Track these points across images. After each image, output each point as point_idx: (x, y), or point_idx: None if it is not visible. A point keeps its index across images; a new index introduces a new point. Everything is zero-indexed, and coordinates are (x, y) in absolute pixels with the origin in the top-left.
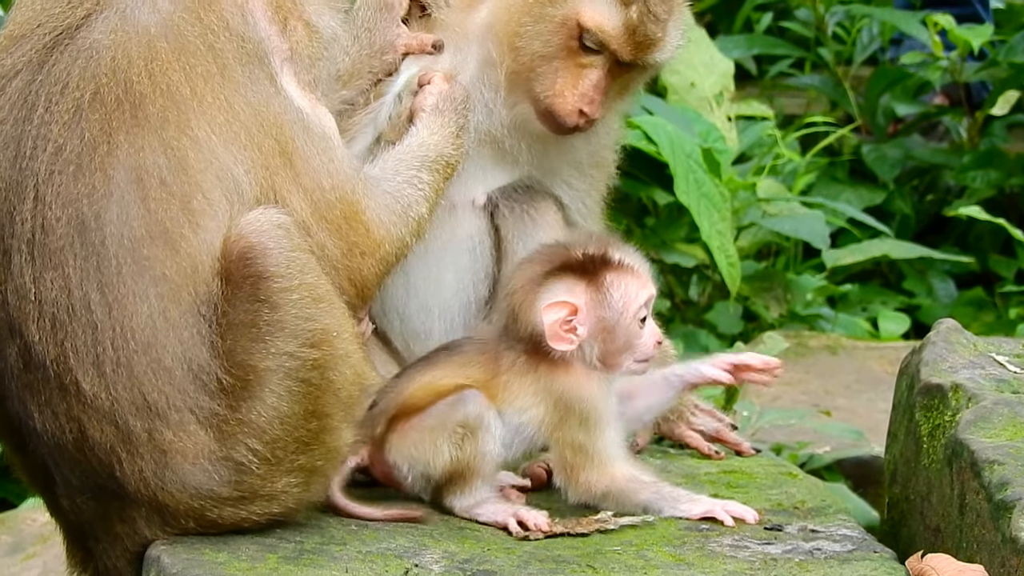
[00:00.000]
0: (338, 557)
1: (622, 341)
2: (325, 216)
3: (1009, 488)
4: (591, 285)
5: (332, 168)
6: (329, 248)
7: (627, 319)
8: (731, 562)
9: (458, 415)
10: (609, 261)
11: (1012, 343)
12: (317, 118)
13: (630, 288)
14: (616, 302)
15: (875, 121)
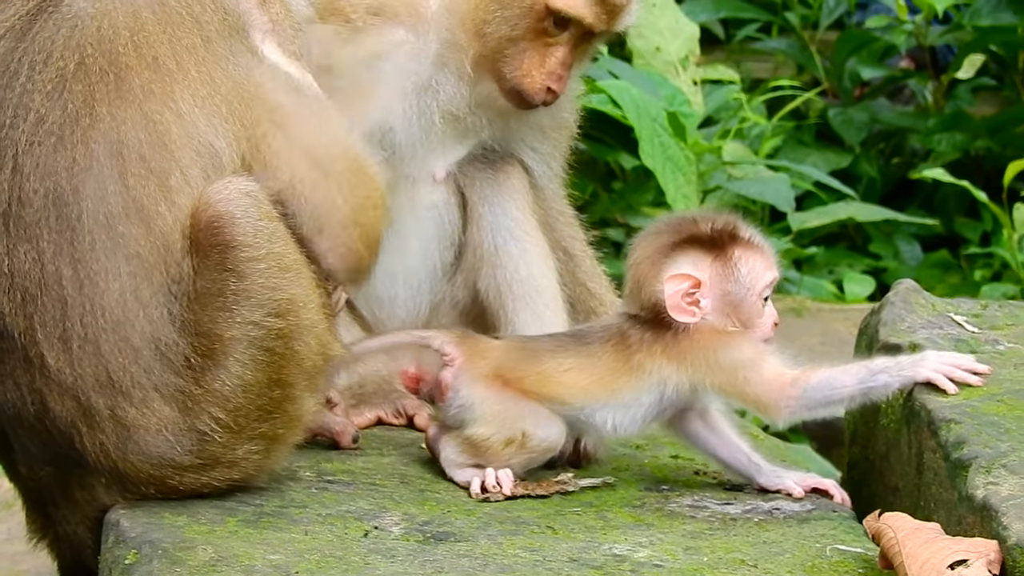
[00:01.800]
0: (297, 520)
1: (744, 318)
2: (330, 171)
3: (966, 447)
4: (718, 259)
5: (330, 126)
6: (339, 205)
7: (752, 296)
8: (690, 522)
9: (527, 424)
10: (738, 237)
11: (970, 303)
12: (307, 81)
13: (757, 266)
14: (743, 278)
15: (841, 85)
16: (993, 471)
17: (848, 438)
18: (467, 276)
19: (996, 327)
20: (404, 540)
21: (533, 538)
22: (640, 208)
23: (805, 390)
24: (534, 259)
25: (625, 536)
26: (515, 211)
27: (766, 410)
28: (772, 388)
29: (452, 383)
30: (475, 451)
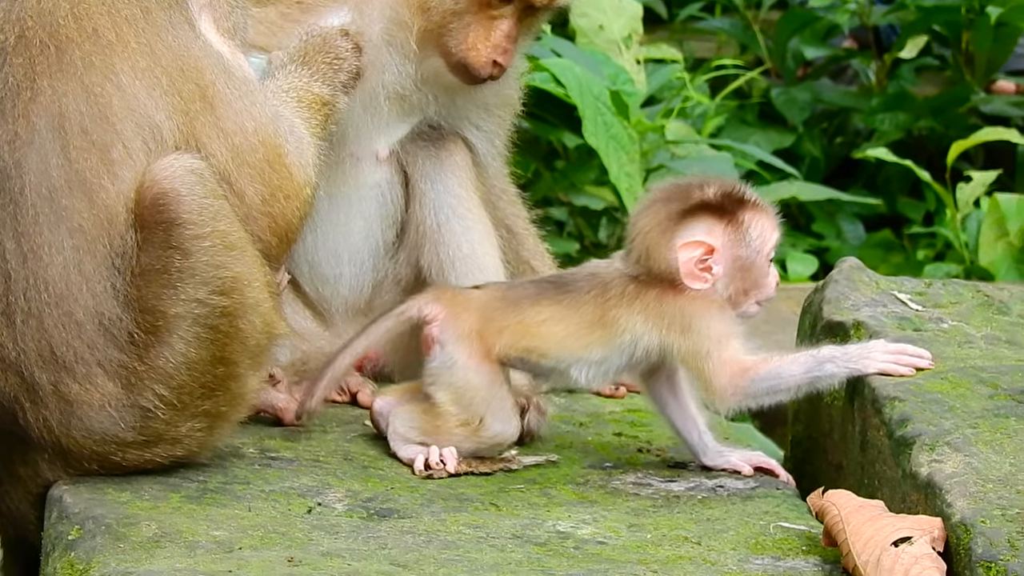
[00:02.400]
0: (241, 496)
1: (752, 280)
2: (247, 160)
3: (909, 424)
4: (730, 225)
5: (254, 111)
6: (250, 195)
7: (762, 258)
8: (634, 499)
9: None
10: (745, 200)
11: (914, 282)
12: (237, 63)
13: (766, 227)
14: (754, 240)
15: (784, 64)
16: (937, 449)
17: (791, 416)
18: (410, 254)
19: (940, 305)
20: (347, 516)
21: (476, 515)
22: (583, 187)
23: (753, 380)
24: (477, 236)
25: (569, 513)
26: (458, 188)
27: (713, 393)
28: (726, 372)
29: (439, 337)
30: (429, 422)
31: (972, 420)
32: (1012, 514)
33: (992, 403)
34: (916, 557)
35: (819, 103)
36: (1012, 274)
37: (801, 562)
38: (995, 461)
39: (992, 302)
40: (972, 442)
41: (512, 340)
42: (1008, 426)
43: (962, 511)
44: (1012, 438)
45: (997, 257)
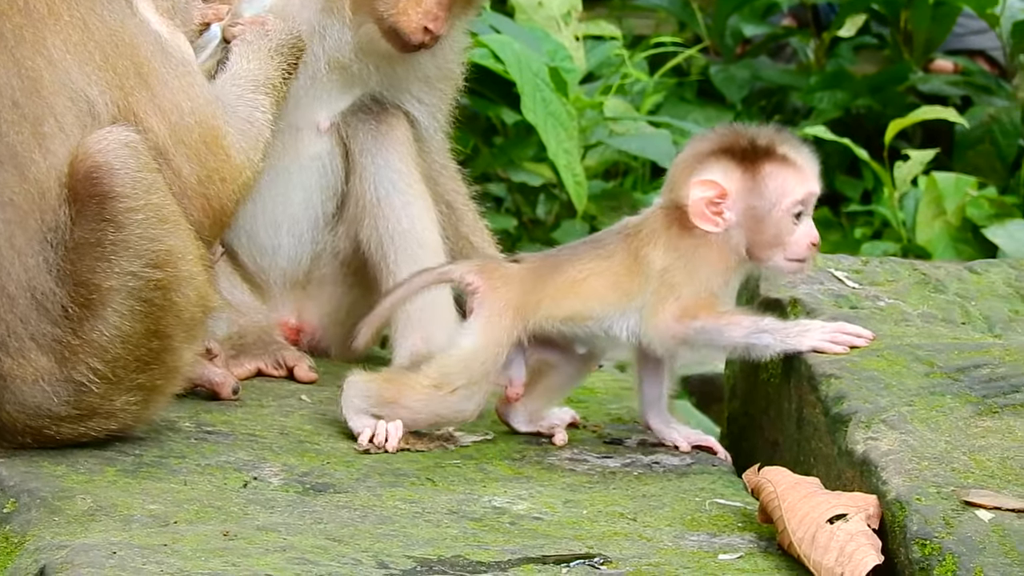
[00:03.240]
0: (177, 470)
1: (771, 234)
2: (184, 140)
3: (845, 402)
4: (747, 172)
5: (192, 92)
6: (185, 174)
7: (778, 212)
8: (570, 475)
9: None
10: (772, 152)
11: (851, 259)
12: (175, 42)
13: (788, 182)
14: (770, 193)
15: (723, 42)
16: (873, 426)
17: (728, 393)
18: (349, 227)
19: (877, 283)
20: (283, 491)
21: (413, 490)
22: (521, 163)
23: (695, 329)
24: (416, 211)
25: (504, 489)
26: (398, 163)
27: (655, 326)
28: (675, 312)
29: (475, 309)
30: (389, 389)
31: (908, 398)
32: (947, 492)
33: (928, 381)
34: (851, 534)
35: (758, 81)
36: (949, 252)
37: (736, 538)
38: (930, 439)
39: (929, 280)
40: (908, 420)
41: (552, 308)
42: (944, 404)
43: (897, 488)
44: (948, 416)
45: (934, 236)
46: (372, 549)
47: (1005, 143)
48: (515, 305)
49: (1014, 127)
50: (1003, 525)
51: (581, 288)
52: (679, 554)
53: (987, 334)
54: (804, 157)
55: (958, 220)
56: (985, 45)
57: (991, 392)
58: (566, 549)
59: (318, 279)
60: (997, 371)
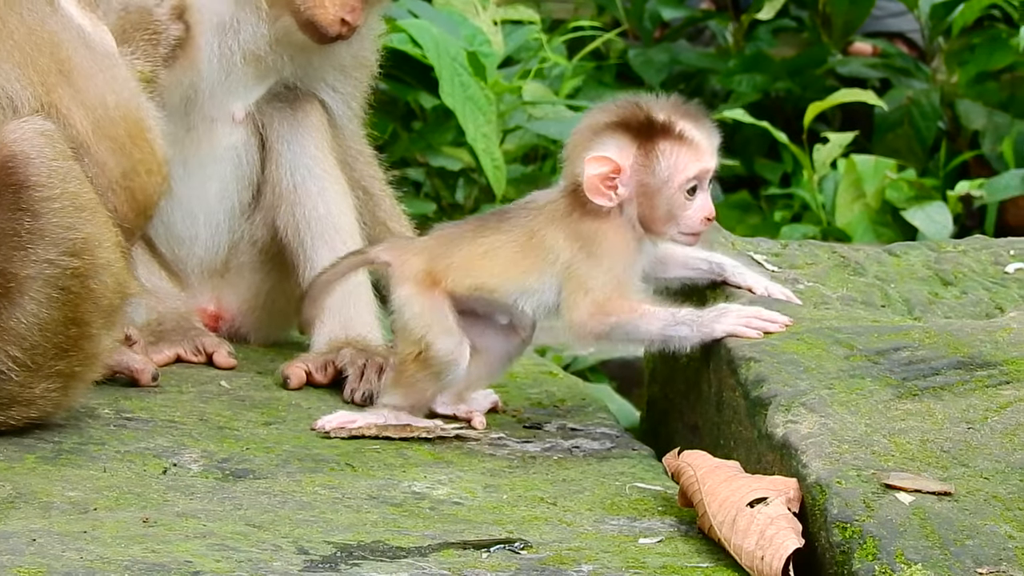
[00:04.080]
0: (96, 457)
1: (664, 210)
2: (108, 133)
3: (765, 385)
4: (642, 149)
5: (116, 86)
6: (110, 167)
7: (671, 189)
8: (490, 460)
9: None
10: (669, 129)
11: (770, 243)
12: (99, 36)
13: (681, 159)
14: (662, 171)
15: (642, 25)
16: (792, 409)
17: (648, 377)
18: (266, 214)
19: (796, 266)
20: (203, 477)
21: (332, 476)
22: (440, 148)
23: (611, 325)
24: (333, 197)
25: (424, 474)
26: (314, 149)
27: (571, 324)
28: (589, 308)
29: (395, 287)
30: (398, 376)
31: (828, 381)
32: (867, 475)
33: (848, 364)
34: (771, 518)
35: (676, 64)
36: (869, 235)
37: (657, 522)
38: (850, 422)
39: (848, 263)
40: (827, 403)
41: (459, 278)
42: (863, 387)
43: (817, 472)
44: (867, 399)
45: (854, 218)
46: (292, 535)
47: (924, 125)
48: (425, 270)
49: (933, 109)
50: (923, 508)
51: (483, 261)
52: (599, 538)
53: (907, 317)
54: (701, 133)
55: (877, 203)
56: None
57: (911, 375)
58: (486, 534)
59: (236, 267)
60: (917, 354)
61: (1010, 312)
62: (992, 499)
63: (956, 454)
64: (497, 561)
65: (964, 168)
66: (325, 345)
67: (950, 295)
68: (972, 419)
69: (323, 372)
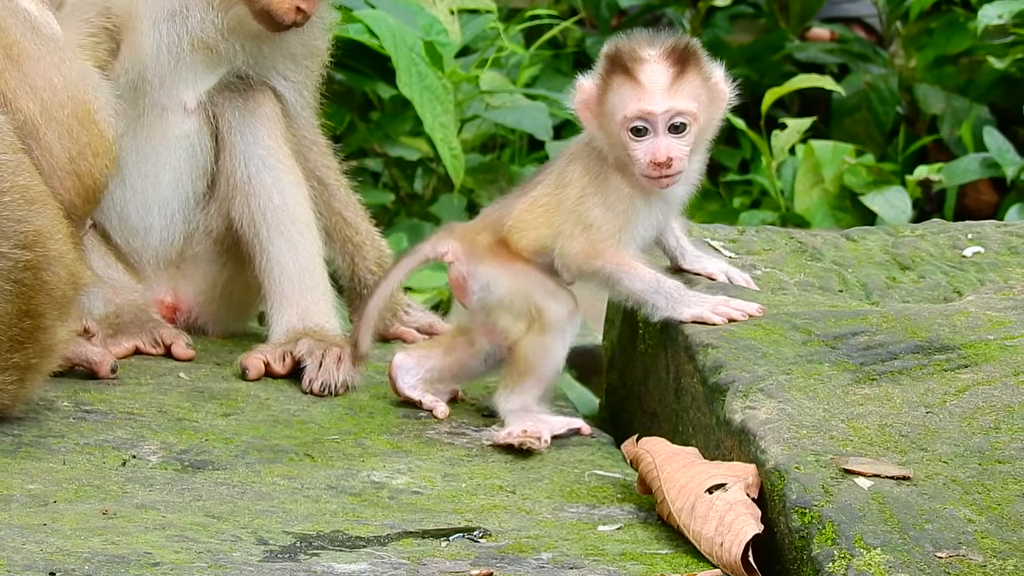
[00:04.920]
0: (56, 449)
1: (618, 148)
2: (55, 116)
3: (723, 371)
4: (601, 80)
5: (63, 68)
6: (56, 151)
7: (615, 125)
8: (449, 448)
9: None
10: (622, 63)
11: (728, 229)
12: (45, 20)
13: (623, 96)
14: (609, 106)
15: (599, 14)
16: (751, 395)
17: (606, 364)
18: (221, 205)
19: (753, 252)
20: (162, 469)
21: (291, 466)
22: (398, 138)
23: (597, 268)
24: (287, 188)
25: (383, 463)
26: (267, 140)
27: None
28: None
29: (465, 272)
30: (514, 369)
31: (786, 366)
32: (826, 460)
33: (805, 349)
34: (730, 503)
35: None
36: (827, 221)
37: (616, 509)
38: (808, 407)
39: (805, 248)
40: (786, 388)
41: (519, 239)
42: (821, 372)
43: (776, 457)
44: (825, 384)
45: (813, 204)
46: (251, 525)
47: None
48: (494, 243)
49: (891, 94)
50: (882, 492)
51: (531, 216)
52: (558, 526)
53: (864, 301)
54: (657, 73)
55: (836, 188)
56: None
57: (869, 360)
58: (445, 523)
59: (192, 258)
60: (875, 338)
61: (968, 296)
62: (951, 483)
63: (914, 438)
64: (456, 550)
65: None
66: (283, 336)
67: (908, 279)
68: (930, 403)
69: (281, 363)
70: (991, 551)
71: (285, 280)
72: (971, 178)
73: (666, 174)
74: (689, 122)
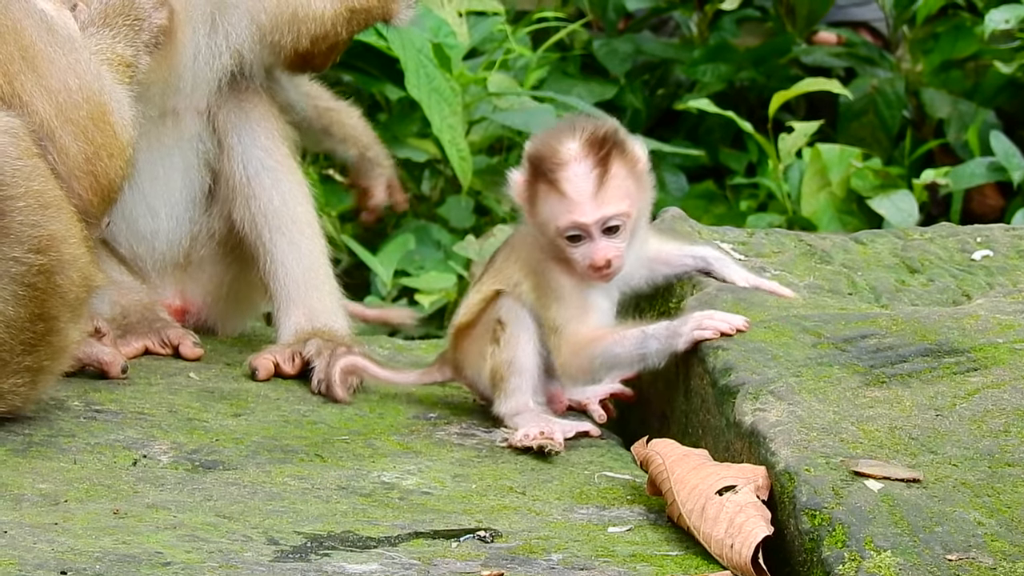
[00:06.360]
0: (67, 449)
1: (554, 248)
2: (71, 118)
3: (733, 373)
4: (529, 185)
5: (79, 69)
6: (73, 153)
7: (550, 232)
8: (458, 450)
9: (493, 314)
10: (545, 170)
11: (737, 231)
12: (62, 20)
13: (553, 208)
14: (539, 214)
15: (606, 16)
16: (761, 397)
17: None
18: (222, 207)
19: (762, 254)
20: (173, 469)
21: (302, 466)
22: (405, 139)
23: (590, 357)
24: (287, 188)
25: (394, 464)
26: (264, 139)
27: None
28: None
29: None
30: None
31: (795, 369)
32: (836, 462)
33: (815, 352)
34: (740, 505)
35: (641, 55)
36: (834, 224)
37: (626, 511)
38: (818, 409)
39: (814, 251)
40: (795, 391)
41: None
42: (831, 374)
43: (786, 459)
44: (835, 386)
45: (819, 207)
46: (262, 526)
47: (889, 114)
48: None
49: (897, 98)
50: (892, 495)
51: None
52: (568, 527)
53: (874, 304)
54: (585, 183)
55: (843, 191)
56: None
57: (878, 362)
58: (456, 524)
59: (197, 260)
60: (884, 341)
61: (977, 299)
62: (961, 485)
63: (924, 441)
64: (467, 551)
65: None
66: (292, 336)
67: (917, 283)
68: (940, 406)
69: (291, 363)
70: (1001, 554)
71: (290, 281)
72: (977, 182)
73: (606, 273)
74: (622, 222)
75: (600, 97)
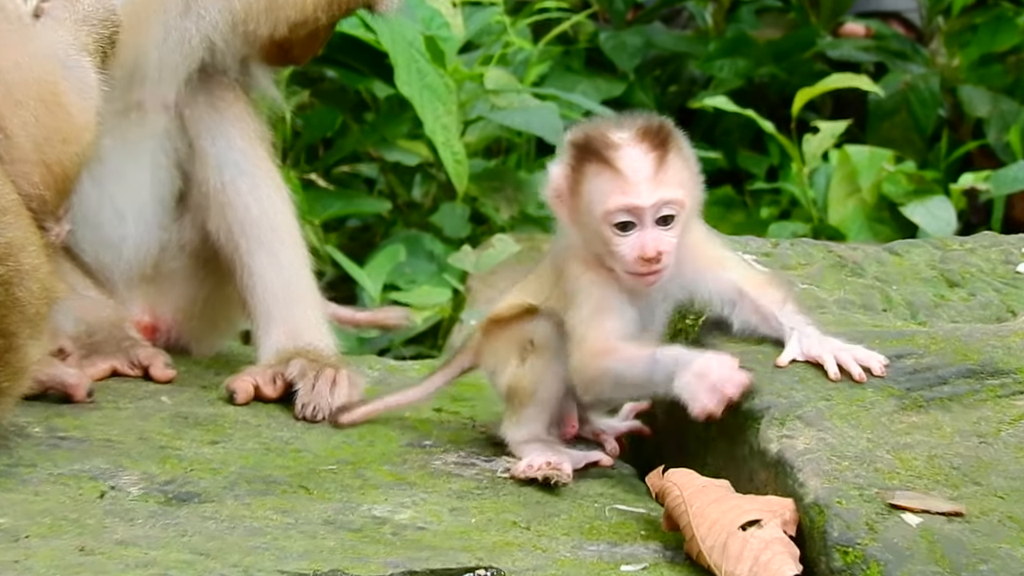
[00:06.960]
0: (28, 480)
1: (597, 242)
2: (20, 100)
3: (757, 397)
4: (574, 170)
5: (29, 47)
6: (21, 139)
7: (595, 220)
8: (456, 481)
9: (528, 330)
10: (598, 151)
11: (760, 241)
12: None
13: (603, 188)
14: (584, 198)
15: (613, 7)
16: (787, 423)
17: None
18: (195, 216)
19: (788, 267)
20: (144, 501)
21: (285, 499)
22: (395, 141)
23: (601, 369)
24: (265, 195)
25: (386, 496)
26: (240, 141)
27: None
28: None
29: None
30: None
31: (826, 392)
32: (870, 494)
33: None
34: (766, 541)
35: (651, 48)
36: (864, 233)
37: (640, 548)
38: (851, 436)
39: (845, 263)
40: (826, 416)
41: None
42: (865, 398)
43: (816, 491)
44: (869, 411)
45: (848, 215)
46: (242, 564)
47: (923, 113)
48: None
49: (932, 95)
50: (932, 530)
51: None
52: (577, 565)
53: (910, 321)
54: (641, 163)
55: (874, 198)
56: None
57: (916, 384)
58: (454, 561)
59: (167, 273)
60: (922, 361)
61: (1023, 315)
62: (1007, 519)
63: (967, 471)
64: None
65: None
66: (273, 356)
67: (957, 297)
68: (984, 432)
69: (272, 385)
70: None
71: (270, 296)
72: (1020, 187)
73: (654, 270)
74: (677, 211)
75: (607, 94)
